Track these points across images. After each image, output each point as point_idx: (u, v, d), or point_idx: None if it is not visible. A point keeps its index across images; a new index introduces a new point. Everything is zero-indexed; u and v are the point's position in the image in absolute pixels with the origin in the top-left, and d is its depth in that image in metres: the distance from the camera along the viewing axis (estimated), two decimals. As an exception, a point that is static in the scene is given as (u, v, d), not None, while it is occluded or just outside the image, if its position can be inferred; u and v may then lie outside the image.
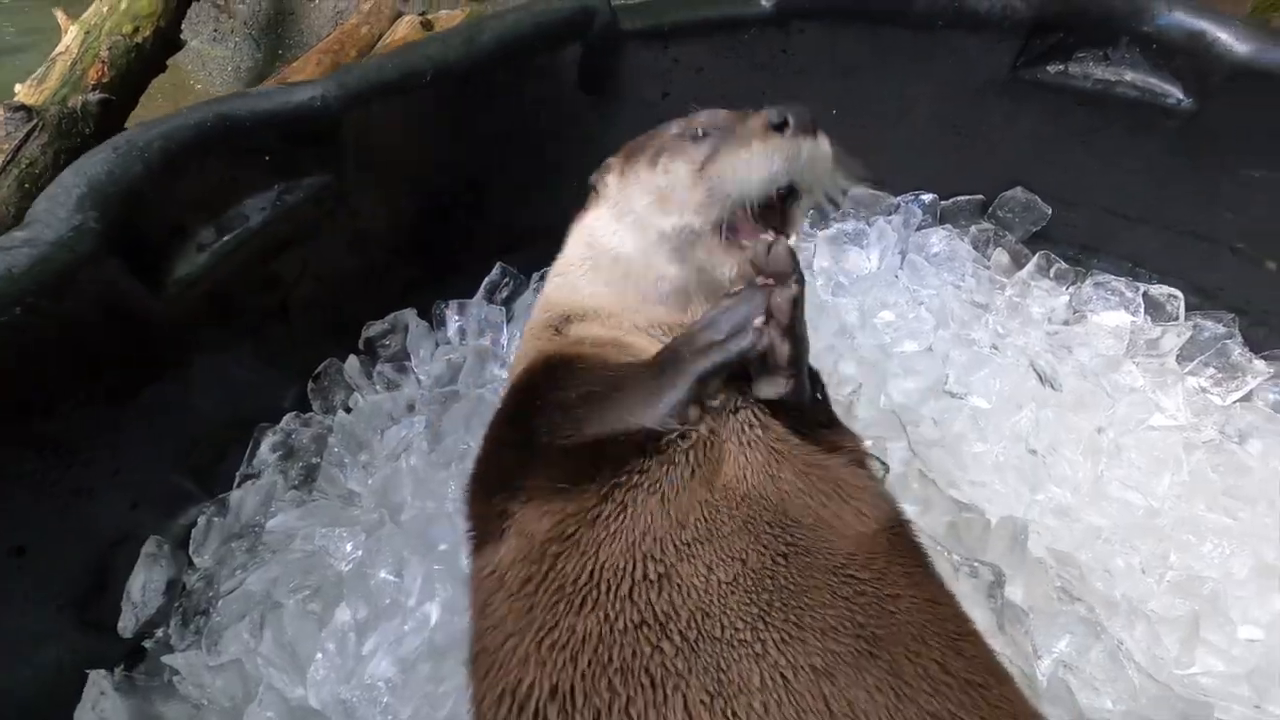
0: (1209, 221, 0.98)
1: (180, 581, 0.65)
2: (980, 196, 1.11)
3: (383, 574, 0.67)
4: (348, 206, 0.76)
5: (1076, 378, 0.98)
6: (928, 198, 1.11)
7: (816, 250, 1.10)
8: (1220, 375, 0.97)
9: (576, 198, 0.79)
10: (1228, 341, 0.98)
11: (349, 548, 0.66)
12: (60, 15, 3.25)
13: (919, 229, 1.10)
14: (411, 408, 0.81)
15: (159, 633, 0.65)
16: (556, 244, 0.77)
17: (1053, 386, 0.94)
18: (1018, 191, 1.09)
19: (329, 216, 0.73)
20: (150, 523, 0.63)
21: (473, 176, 0.86)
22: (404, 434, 0.77)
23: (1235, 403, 0.97)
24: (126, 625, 0.63)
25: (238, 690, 0.58)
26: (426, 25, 3.08)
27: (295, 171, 0.67)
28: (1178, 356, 1.01)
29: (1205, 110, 0.92)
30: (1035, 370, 0.95)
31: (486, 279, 0.93)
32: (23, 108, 2.89)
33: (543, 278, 0.92)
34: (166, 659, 0.62)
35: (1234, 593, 0.82)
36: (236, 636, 0.61)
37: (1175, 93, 0.94)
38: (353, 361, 0.81)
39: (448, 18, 3.25)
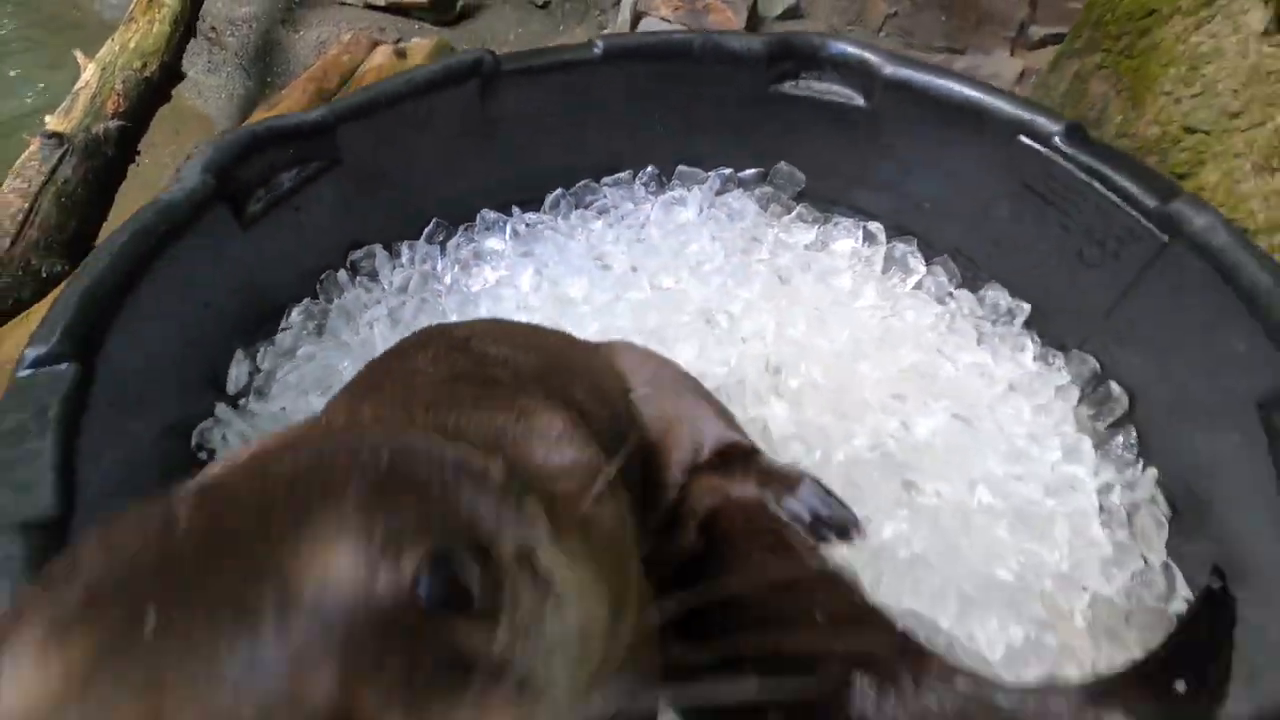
0: (889, 178, 1.54)
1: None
2: (761, 169, 1.67)
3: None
4: (342, 184, 1.31)
5: (814, 283, 1.53)
6: (726, 172, 1.66)
7: (654, 208, 1.65)
8: (899, 272, 1.52)
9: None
10: (907, 250, 1.53)
11: (345, 364, 1.20)
12: (79, 55, 3.85)
13: (719, 194, 1.66)
14: (379, 302, 1.35)
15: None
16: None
17: (783, 280, 1.49)
18: (782, 165, 1.64)
19: (332, 188, 1.28)
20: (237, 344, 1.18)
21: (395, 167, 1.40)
22: (374, 315, 1.31)
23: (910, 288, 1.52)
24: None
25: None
26: (400, 54, 3.59)
27: (310, 158, 1.22)
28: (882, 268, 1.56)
29: (873, 107, 1.48)
30: (779, 276, 1.50)
31: (426, 229, 1.48)
32: (55, 135, 3.48)
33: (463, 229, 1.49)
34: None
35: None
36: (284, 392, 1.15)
37: (857, 97, 1.49)
38: (342, 274, 1.36)
39: (419, 46, 3.77)
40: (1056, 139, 1.24)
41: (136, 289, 0.93)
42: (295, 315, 1.27)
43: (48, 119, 3.59)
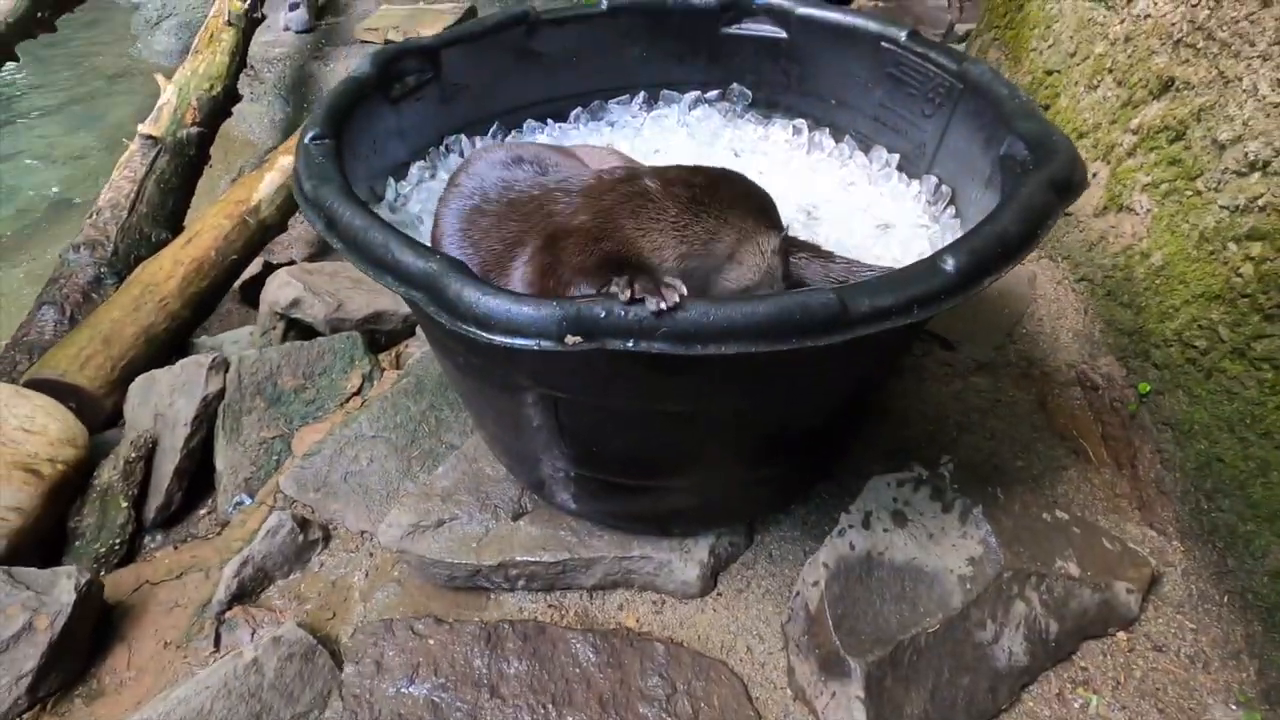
0: (808, 87, 2.24)
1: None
2: (720, 90, 2.37)
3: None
4: (443, 89, 2.00)
5: (759, 158, 2.21)
6: (696, 93, 2.36)
7: (647, 121, 2.33)
8: (817, 150, 2.21)
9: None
10: (821, 136, 2.22)
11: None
12: (160, 78, 4.67)
13: (692, 109, 2.36)
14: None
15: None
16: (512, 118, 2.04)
17: (737, 155, 2.17)
18: (735, 86, 2.34)
19: (437, 90, 1.98)
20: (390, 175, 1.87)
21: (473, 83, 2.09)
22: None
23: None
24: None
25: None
26: None
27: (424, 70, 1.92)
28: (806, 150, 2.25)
29: (792, 38, 2.19)
30: (734, 153, 2.19)
31: (491, 129, 2.18)
32: (150, 137, 4.26)
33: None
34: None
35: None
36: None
37: (780, 32, 2.20)
38: (442, 148, 2.05)
39: None
40: (903, 38, 1.95)
41: (351, 119, 1.61)
42: (414, 169, 1.94)
43: (140, 126, 4.37)
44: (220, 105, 4.81)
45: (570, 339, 1.02)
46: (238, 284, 3.63)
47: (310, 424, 2.43)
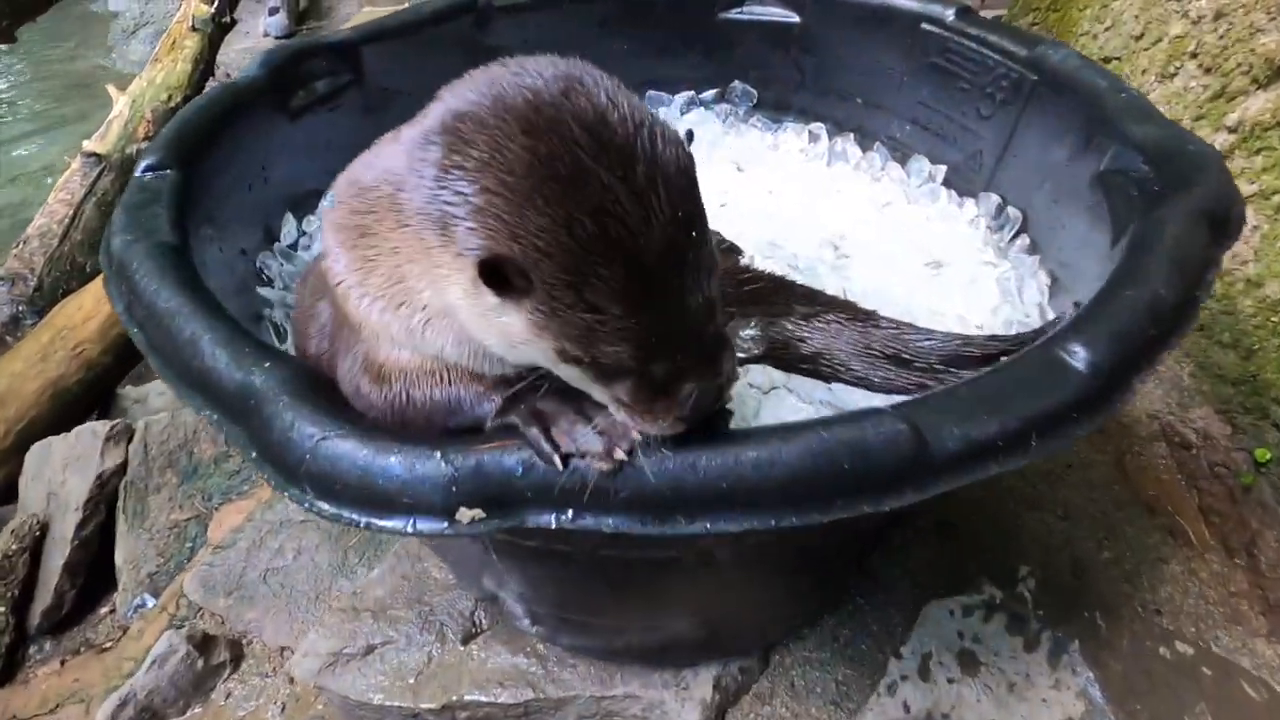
0: (827, 83, 1.81)
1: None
2: (718, 89, 1.94)
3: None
4: (365, 97, 1.59)
5: (766, 172, 1.79)
6: (689, 94, 1.94)
7: None
8: (840, 161, 1.78)
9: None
10: (845, 143, 1.79)
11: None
12: (112, 89, 4.25)
13: (684, 113, 1.93)
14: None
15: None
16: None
17: (740, 169, 1.75)
18: (736, 84, 1.92)
19: (358, 97, 1.56)
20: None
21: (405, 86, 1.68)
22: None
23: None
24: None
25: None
26: None
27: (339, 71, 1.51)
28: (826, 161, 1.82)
29: (806, 22, 1.76)
30: (735, 166, 1.76)
31: None
32: (94, 155, 3.84)
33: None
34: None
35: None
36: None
37: (792, 15, 1.78)
38: None
39: None
40: (950, 19, 1.52)
41: (216, 141, 1.19)
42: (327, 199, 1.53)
43: (84, 143, 3.96)
44: (178, 117, 4.37)
45: (466, 514, 0.61)
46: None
47: (233, 500, 2.02)
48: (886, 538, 1.58)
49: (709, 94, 1.93)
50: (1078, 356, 0.71)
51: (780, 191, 1.67)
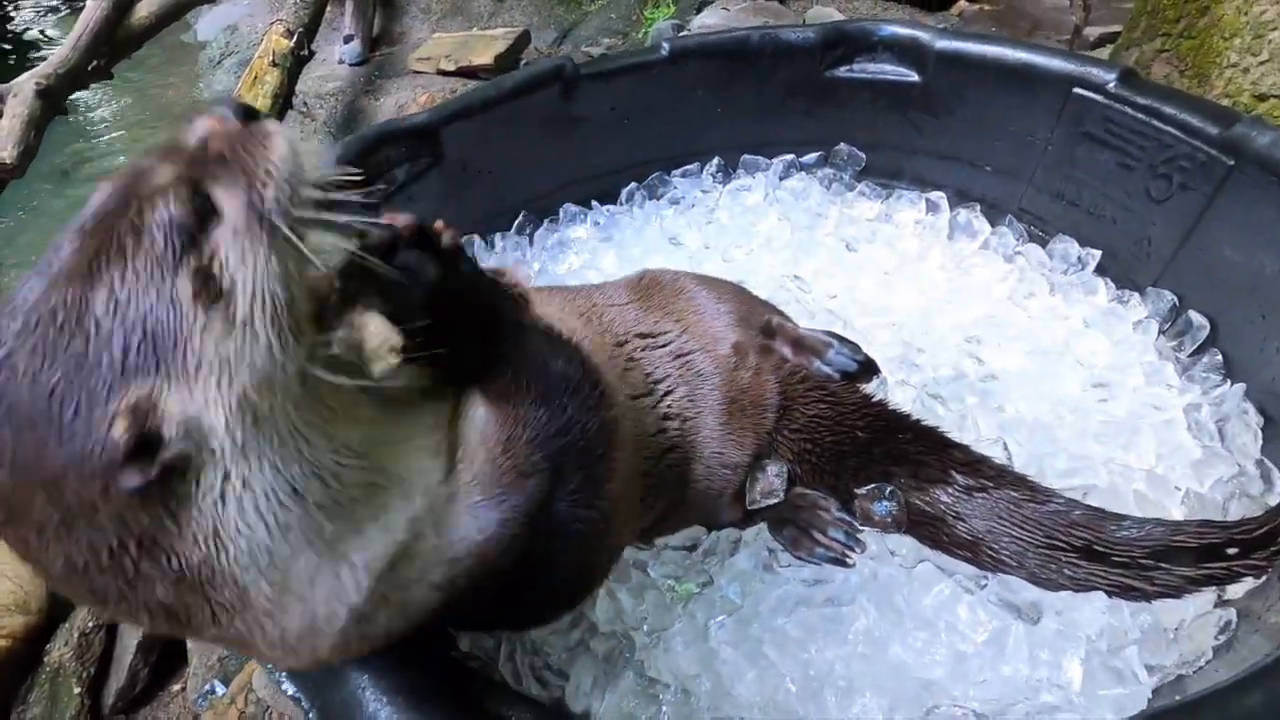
0: (949, 147, 1.60)
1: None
2: (821, 152, 1.76)
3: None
4: (446, 178, 1.48)
5: (881, 249, 1.59)
6: (788, 158, 1.76)
7: (722, 195, 1.75)
8: (964, 236, 1.56)
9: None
10: (970, 215, 1.57)
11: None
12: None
13: (783, 178, 1.75)
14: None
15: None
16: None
17: (850, 249, 1.55)
18: (842, 146, 1.73)
19: (438, 181, 1.46)
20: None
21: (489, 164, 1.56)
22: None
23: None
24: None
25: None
26: None
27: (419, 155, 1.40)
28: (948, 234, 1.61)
29: (927, 82, 1.56)
30: (845, 245, 1.56)
31: (515, 222, 1.64)
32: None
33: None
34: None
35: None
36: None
37: (911, 73, 1.58)
38: None
39: None
40: (1112, 85, 1.29)
41: None
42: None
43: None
44: (260, 154, 4.48)
45: None
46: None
47: (302, 581, 1.94)
48: None
49: (810, 157, 1.74)
50: None
51: (898, 274, 1.48)
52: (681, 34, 2.97)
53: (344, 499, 0.55)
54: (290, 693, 0.65)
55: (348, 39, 7.02)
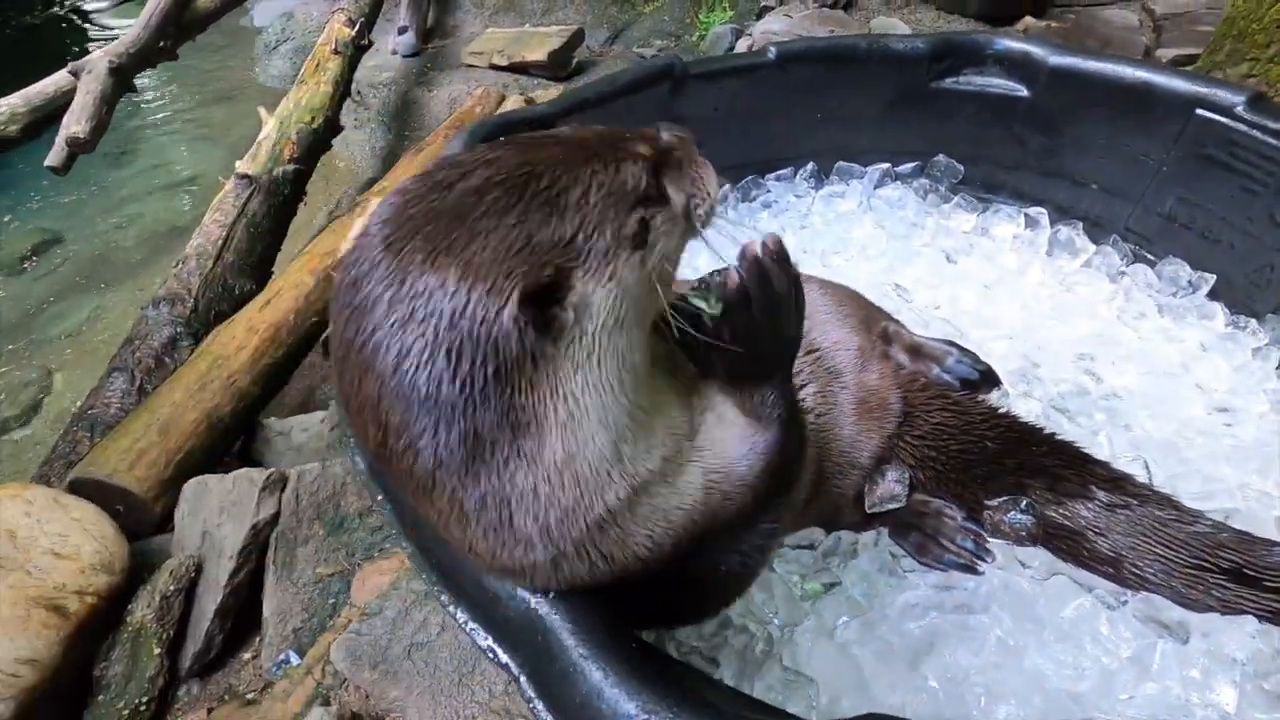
0: (1053, 163, 1.60)
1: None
2: (918, 162, 1.76)
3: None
4: None
5: (980, 262, 1.59)
6: (883, 166, 1.76)
7: (815, 201, 1.76)
8: (1065, 253, 1.56)
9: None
10: (1072, 232, 1.56)
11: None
12: (263, 111, 4.42)
13: (878, 186, 1.76)
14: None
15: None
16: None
17: (951, 260, 1.55)
18: (940, 157, 1.73)
19: None
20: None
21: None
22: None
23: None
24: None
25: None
26: (529, 103, 3.92)
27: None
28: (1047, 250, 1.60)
29: (1036, 97, 1.56)
30: (945, 255, 1.56)
31: None
32: (245, 176, 3.98)
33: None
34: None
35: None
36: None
37: (1020, 88, 1.58)
38: None
39: (545, 95, 4.12)
40: (1239, 109, 1.28)
41: None
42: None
43: (237, 164, 4.14)
44: (320, 138, 4.56)
45: None
46: (325, 337, 3.31)
47: (375, 559, 1.98)
48: None
49: (907, 167, 1.74)
50: None
51: (998, 287, 1.47)
52: (789, 40, 2.97)
53: (645, 405, 0.69)
54: (502, 660, 0.68)
55: (402, 30, 7.12)
